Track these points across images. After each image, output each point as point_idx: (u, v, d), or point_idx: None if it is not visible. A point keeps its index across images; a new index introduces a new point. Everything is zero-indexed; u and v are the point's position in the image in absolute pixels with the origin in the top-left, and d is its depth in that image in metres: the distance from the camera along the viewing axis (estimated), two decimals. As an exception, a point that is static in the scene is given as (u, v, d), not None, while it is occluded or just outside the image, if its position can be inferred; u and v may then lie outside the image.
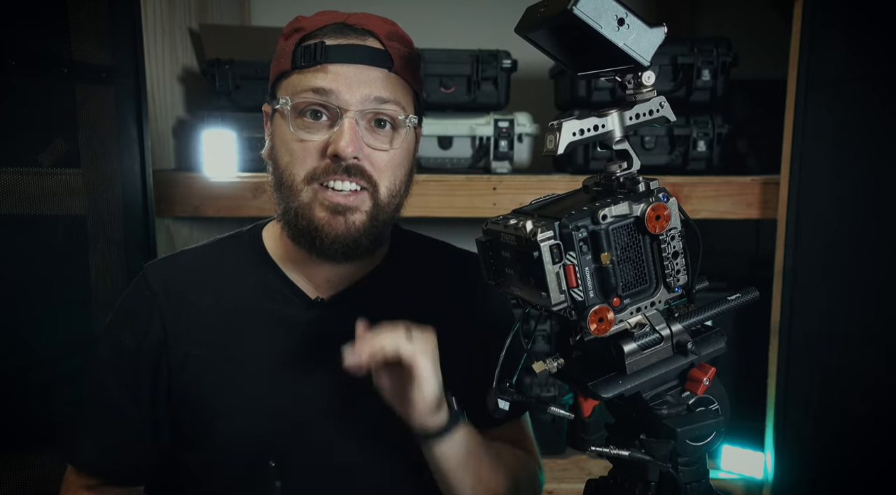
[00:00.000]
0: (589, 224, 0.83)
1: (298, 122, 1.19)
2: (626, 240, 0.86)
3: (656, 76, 0.89)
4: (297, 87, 1.18)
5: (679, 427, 0.87)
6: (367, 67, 1.19)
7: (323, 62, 1.17)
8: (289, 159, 1.20)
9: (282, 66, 1.22)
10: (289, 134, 1.19)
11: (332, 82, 1.17)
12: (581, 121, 0.87)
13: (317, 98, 1.17)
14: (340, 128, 1.16)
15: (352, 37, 1.20)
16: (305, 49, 1.18)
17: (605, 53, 0.85)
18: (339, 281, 1.31)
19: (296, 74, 1.19)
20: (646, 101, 0.89)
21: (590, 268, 0.84)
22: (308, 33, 1.21)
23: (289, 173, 1.20)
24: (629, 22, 0.81)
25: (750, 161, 2.71)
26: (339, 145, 1.15)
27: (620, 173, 0.90)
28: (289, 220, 1.22)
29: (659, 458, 0.89)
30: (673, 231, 0.87)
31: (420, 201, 2.31)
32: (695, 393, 0.89)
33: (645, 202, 0.85)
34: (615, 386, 0.86)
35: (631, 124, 0.89)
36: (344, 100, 1.17)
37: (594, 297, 0.84)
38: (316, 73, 1.17)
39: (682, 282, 0.89)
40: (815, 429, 2.22)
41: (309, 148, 1.18)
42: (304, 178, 1.19)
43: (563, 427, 2.57)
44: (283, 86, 1.22)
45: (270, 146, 1.26)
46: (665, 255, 0.87)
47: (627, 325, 0.86)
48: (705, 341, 0.90)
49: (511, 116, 2.47)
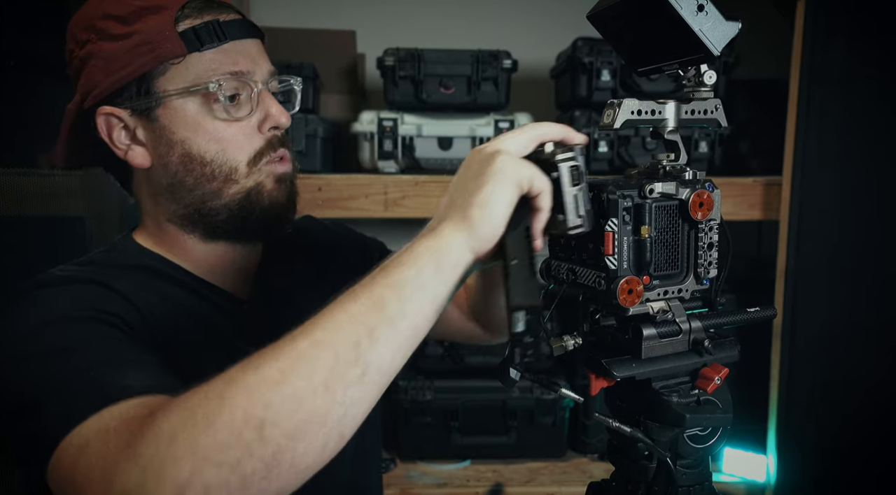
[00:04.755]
0: (635, 195, 0.86)
1: (220, 106, 1.11)
2: (666, 221, 0.89)
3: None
4: (208, 69, 1.10)
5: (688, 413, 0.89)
6: (255, 41, 1.17)
7: (226, 41, 1.11)
8: (220, 147, 1.12)
9: (166, 51, 1.09)
10: (216, 121, 1.12)
11: (244, 60, 1.13)
12: (641, 102, 0.90)
13: (237, 78, 1.12)
14: (266, 102, 1.14)
15: (228, 11, 1.15)
16: (201, 29, 1.10)
17: (673, 44, 0.87)
18: (248, 271, 1.27)
19: (194, 58, 1.10)
20: (703, 100, 0.92)
21: (628, 239, 0.86)
22: (177, 13, 1.10)
23: (222, 162, 1.12)
24: (708, 9, 0.83)
25: (752, 162, 2.72)
26: (280, 118, 1.14)
27: (667, 163, 0.93)
28: (231, 211, 1.14)
29: (660, 445, 0.91)
30: (712, 222, 0.90)
31: (420, 202, 2.33)
32: (704, 391, 0.91)
33: (691, 188, 0.88)
34: (628, 368, 0.88)
35: (685, 118, 0.92)
36: (256, 76, 1.14)
37: (627, 269, 0.86)
38: (224, 53, 1.11)
39: (712, 276, 0.92)
40: (817, 432, 2.24)
41: (246, 129, 1.13)
42: (249, 161, 1.13)
43: (564, 429, 2.58)
44: (175, 72, 1.10)
45: (157, 146, 1.13)
46: (700, 244, 0.90)
47: (650, 309, 0.88)
48: (719, 346, 0.92)
49: (512, 117, 2.48)
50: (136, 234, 1.22)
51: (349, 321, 0.77)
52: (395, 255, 0.83)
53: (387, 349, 0.78)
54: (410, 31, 2.82)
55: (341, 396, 0.74)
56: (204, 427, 0.71)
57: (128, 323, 1.00)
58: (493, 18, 3.04)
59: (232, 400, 0.72)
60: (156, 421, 0.73)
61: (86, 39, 1.11)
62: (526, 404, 2.55)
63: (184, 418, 0.72)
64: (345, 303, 0.79)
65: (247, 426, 0.71)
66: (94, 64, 1.10)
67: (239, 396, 0.72)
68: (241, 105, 1.12)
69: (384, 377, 0.79)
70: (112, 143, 1.13)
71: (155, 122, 1.11)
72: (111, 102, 1.11)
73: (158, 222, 1.18)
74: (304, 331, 0.77)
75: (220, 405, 0.72)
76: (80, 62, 1.13)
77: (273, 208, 1.16)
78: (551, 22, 2.93)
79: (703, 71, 0.90)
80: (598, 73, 2.43)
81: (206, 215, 1.14)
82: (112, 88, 1.10)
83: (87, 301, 1.00)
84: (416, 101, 2.46)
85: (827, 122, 2.17)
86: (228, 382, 0.74)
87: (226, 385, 0.74)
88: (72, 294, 1.02)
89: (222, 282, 1.22)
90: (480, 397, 2.54)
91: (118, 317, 1.00)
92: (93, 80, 1.10)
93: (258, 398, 0.72)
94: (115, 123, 1.12)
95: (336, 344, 0.76)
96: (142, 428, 0.74)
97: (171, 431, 0.72)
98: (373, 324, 0.77)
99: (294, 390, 0.73)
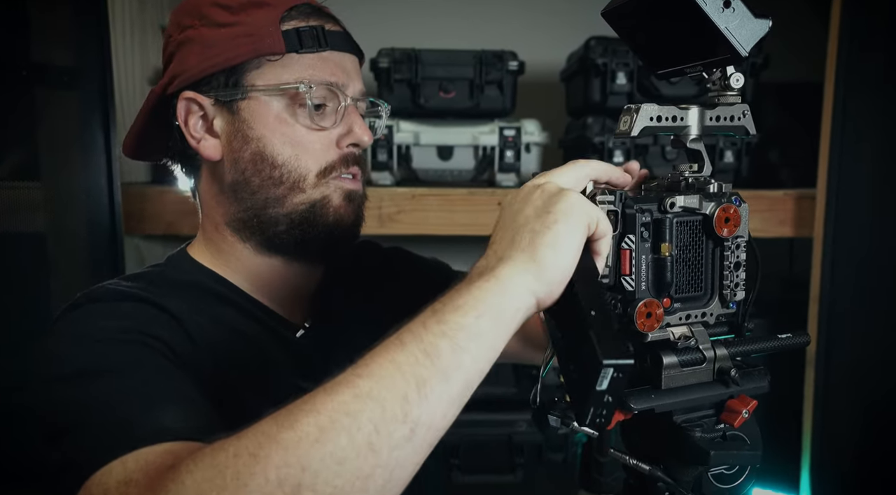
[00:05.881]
0: (654, 210, 0.86)
1: (306, 111, 1.17)
2: (689, 238, 0.89)
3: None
4: (303, 73, 1.17)
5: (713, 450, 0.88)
6: (353, 58, 1.24)
7: (326, 49, 1.18)
8: (294, 152, 1.17)
9: (265, 46, 1.16)
10: (297, 125, 1.17)
11: (340, 72, 1.19)
12: (661, 107, 0.89)
13: (329, 88, 1.18)
14: (351, 117, 1.20)
15: (335, 23, 1.23)
16: (305, 32, 1.17)
17: (697, 43, 0.87)
18: (308, 296, 1.30)
19: (291, 58, 1.17)
20: (729, 105, 0.91)
21: (647, 257, 0.86)
22: (284, 13, 1.18)
23: (293, 167, 1.17)
24: (735, 5, 0.83)
25: (782, 173, 2.72)
26: (362, 136, 1.19)
27: (690, 174, 0.92)
28: (292, 222, 1.18)
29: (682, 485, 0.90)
30: (739, 239, 0.90)
31: (417, 217, 2.32)
32: (731, 426, 0.90)
33: (716, 201, 0.88)
34: (647, 400, 0.87)
35: (710, 125, 0.92)
36: (348, 91, 1.20)
37: (645, 290, 0.86)
38: (321, 60, 1.18)
39: (739, 299, 0.91)
40: (855, 471, 2.22)
41: (324, 140, 1.19)
42: (319, 172, 1.18)
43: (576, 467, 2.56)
44: (269, 69, 1.17)
45: (231, 140, 1.19)
46: (727, 264, 0.90)
47: (671, 335, 0.87)
48: (747, 376, 0.91)
49: (518, 124, 2.48)
50: (191, 248, 1.28)
51: (397, 372, 0.74)
52: (447, 297, 0.81)
53: (438, 405, 0.75)
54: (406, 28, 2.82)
55: (386, 458, 0.72)
56: (234, 489, 0.69)
57: (174, 350, 1.03)
58: (498, 16, 3.04)
59: (266, 460, 0.69)
60: (179, 476, 0.72)
61: (189, 24, 1.19)
62: (534, 439, 2.54)
63: (210, 476, 0.70)
64: (392, 350, 0.76)
65: (281, 490, 0.68)
66: (190, 48, 1.18)
67: (274, 455, 0.69)
68: (325, 115, 1.18)
69: (432, 436, 0.76)
70: (187, 130, 1.20)
71: (236, 114, 1.18)
72: (196, 89, 1.18)
73: (216, 225, 1.23)
74: (345, 380, 0.75)
75: (253, 464, 0.69)
76: (177, 46, 1.20)
77: (338, 226, 1.20)
78: (561, 19, 2.94)
79: (730, 73, 0.90)
80: (613, 76, 2.43)
81: (265, 222, 1.19)
82: (202, 74, 1.17)
83: (136, 321, 1.04)
84: (413, 107, 2.46)
85: (865, 130, 2.17)
86: (262, 438, 0.71)
87: (259, 441, 0.71)
88: (122, 312, 1.06)
89: (277, 303, 1.26)
90: (483, 431, 2.53)
91: (165, 343, 1.02)
92: (185, 64, 1.18)
93: (295, 458, 0.69)
94: (194, 110, 1.19)
95: (382, 397, 0.73)
96: (164, 481, 0.73)
97: (197, 490, 0.70)
98: (424, 376, 0.75)
99: (335, 449, 0.70)
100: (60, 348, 1.01)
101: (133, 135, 1.27)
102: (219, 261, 1.24)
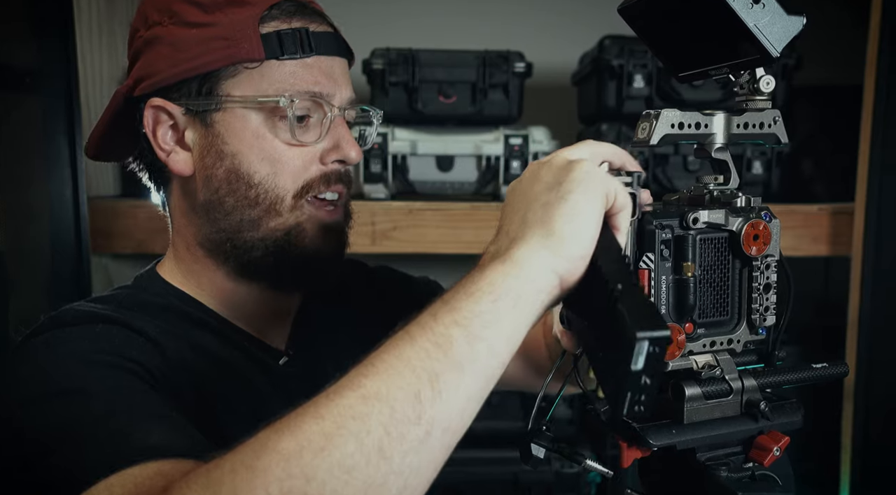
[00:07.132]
0: (676, 226, 0.86)
1: (287, 124, 1.14)
2: (714, 257, 0.89)
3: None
4: (284, 82, 1.14)
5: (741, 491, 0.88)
6: (342, 61, 1.22)
7: (311, 54, 1.15)
8: (272, 170, 1.15)
9: (241, 52, 1.13)
10: (276, 140, 1.15)
11: (326, 80, 1.17)
12: (683, 113, 0.89)
13: (313, 99, 1.16)
14: (338, 131, 1.18)
15: (321, 21, 1.20)
16: (287, 36, 1.14)
17: (723, 43, 0.87)
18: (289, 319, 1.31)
19: (271, 65, 1.14)
20: (758, 111, 0.91)
21: (667, 278, 0.86)
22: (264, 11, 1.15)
23: (270, 187, 1.15)
24: (766, 1, 0.83)
25: (817, 186, 2.72)
26: (349, 151, 1.18)
27: (714, 187, 0.92)
28: (267, 249, 1.17)
29: None
30: (770, 259, 0.90)
31: (415, 234, 2.32)
32: (760, 464, 0.90)
33: (744, 217, 0.88)
34: (668, 436, 0.87)
35: (737, 133, 0.92)
36: (335, 100, 1.18)
37: (665, 314, 0.86)
38: (305, 68, 1.15)
39: (769, 324, 0.91)
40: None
41: (307, 156, 1.17)
42: (297, 192, 1.16)
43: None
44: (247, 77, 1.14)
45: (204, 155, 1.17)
46: (756, 285, 0.90)
47: (694, 364, 0.87)
48: (778, 410, 0.91)
49: (525, 132, 2.48)
50: (161, 267, 1.26)
51: (406, 368, 0.74)
52: (458, 286, 0.80)
53: (454, 402, 0.75)
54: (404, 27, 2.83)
55: (399, 464, 0.71)
56: None
57: (151, 372, 1.02)
58: (503, 13, 3.04)
59: (266, 472, 0.69)
60: None
61: (157, 21, 1.16)
62: (543, 478, 2.53)
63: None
64: (399, 345, 0.76)
65: None
66: (158, 49, 1.15)
67: (274, 467, 0.69)
68: (309, 128, 1.17)
69: (450, 438, 0.75)
70: (155, 142, 1.17)
71: (209, 127, 1.16)
72: (165, 95, 1.16)
73: (188, 244, 1.22)
74: (350, 382, 0.74)
75: (251, 478, 0.69)
76: (144, 44, 1.17)
77: (315, 258, 1.19)
78: (573, 17, 2.95)
79: (759, 76, 0.90)
80: (629, 79, 2.43)
81: (239, 247, 1.18)
82: (172, 80, 1.14)
83: (110, 343, 1.03)
84: (410, 113, 2.46)
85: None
86: (260, 449, 0.71)
87: (257, 452, 0.70)
88: (93, 334, 1.05)
89: (255, 327, 1.25)
90: (488, 470, 2.52)
91: (141, 365, 1.01)
92: (153, 67, 1.15)
93: (298, 468, 0.69)
94: (163, 119, 1.17)
95: (391, 396, 0.72)
96: None
97: None
98: (437, 370, 0.74)
99: (342, 456, 0.69)
100: (33, 372, 0.99)
101: (97, 137, 1.25)
102: (191, 282, 1.24)
